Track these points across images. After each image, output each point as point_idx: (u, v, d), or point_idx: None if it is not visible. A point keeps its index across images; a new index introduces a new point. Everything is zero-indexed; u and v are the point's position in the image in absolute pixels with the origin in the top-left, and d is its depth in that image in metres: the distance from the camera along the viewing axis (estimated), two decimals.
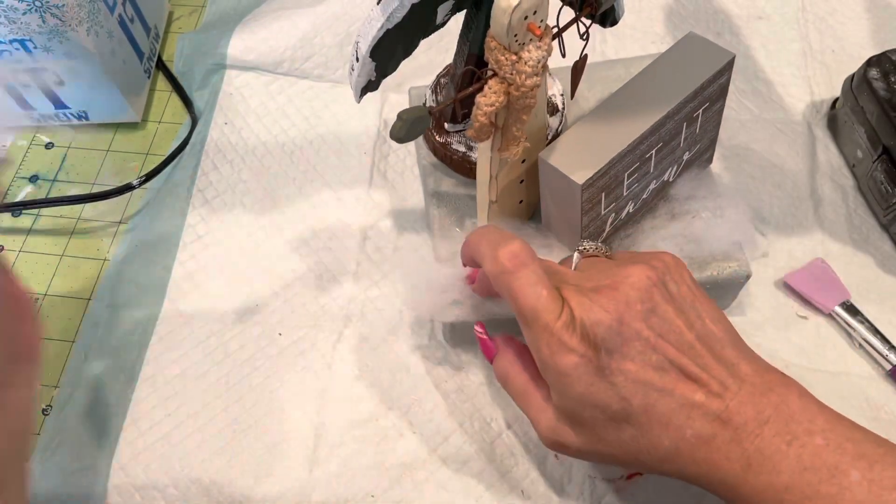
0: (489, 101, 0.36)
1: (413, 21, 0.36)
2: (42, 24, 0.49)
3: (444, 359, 0.47)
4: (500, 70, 0.35)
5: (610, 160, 0.38)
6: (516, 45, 0.34)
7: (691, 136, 0.43)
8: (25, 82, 0.54)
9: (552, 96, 0.48)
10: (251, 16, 0.61)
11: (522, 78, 0.35)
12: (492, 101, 0.36)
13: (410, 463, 0.44)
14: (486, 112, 0.36)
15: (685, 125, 0.42)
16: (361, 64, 0.37)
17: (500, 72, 0.35)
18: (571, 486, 0.43)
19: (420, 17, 0.36)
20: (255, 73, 0.59)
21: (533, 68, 0.35)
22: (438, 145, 0.48)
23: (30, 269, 0.53)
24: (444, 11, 0.38)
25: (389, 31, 0.36)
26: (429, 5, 0.36)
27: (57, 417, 0.46)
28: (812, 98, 0.57)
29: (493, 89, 0.35)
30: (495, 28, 0.34)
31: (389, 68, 0.39)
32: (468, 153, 0.47)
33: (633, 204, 0.44)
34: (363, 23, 0.36)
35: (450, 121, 0.47)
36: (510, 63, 0.34)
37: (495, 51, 0.35)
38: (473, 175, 0.47)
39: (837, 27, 0.60)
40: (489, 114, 0.36)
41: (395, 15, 0.35)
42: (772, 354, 0.46)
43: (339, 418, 0.45)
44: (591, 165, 0.38)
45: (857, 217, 0.52)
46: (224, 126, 0.57)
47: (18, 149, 0.59)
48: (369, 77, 0.38)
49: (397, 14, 0.35)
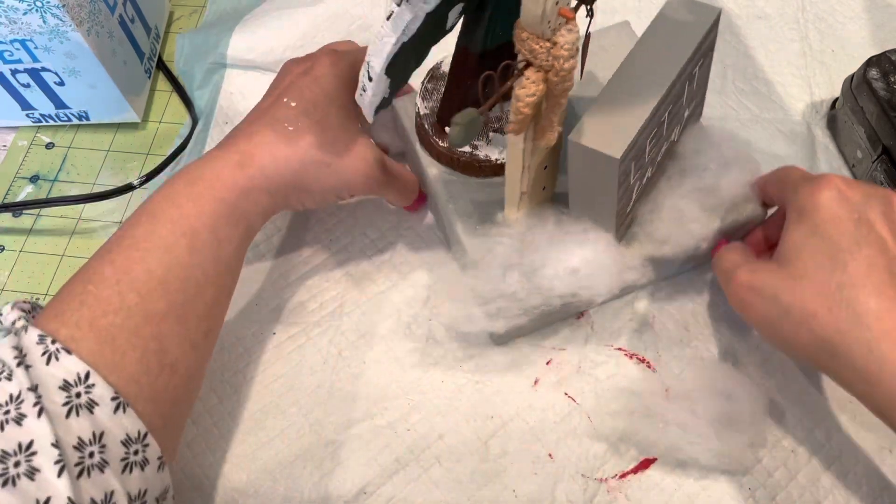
0: (530, 91, 0.36)
1: (427, 30, 0.36)
2: (43, 24, 0.50)
3: (441, 358, 0.47)
4: (535, 59, 0.35)
5: (638, 130, 0.38)
6: (549, 31, 0.34)
7: (691, 93, 0.44)
8: (26, 82, 0.54)
9: None
10: (251, 15, 0.61)
11: (561, 62, 0.35)
12: (532, 91, 0.36)
13: (404, 460, 0.43)
14: (527, 103, 0.36)
15: (687, 84, 0.43)
16: (376, 83, 0.37)
17: (536, 60, 0.35)
18: (563, 485, 0.42)
19: (434, 26, 0.36)
20: (255, 73, 0.59)
21: (569, 51, 0.35)
22: (443, 151, 0.47)
23: (30, 269, 0.53)
24: (454, 16, 0.38)
25: (405, 45, 0.36)
26: (441, 12, 0.36)
27: None
28: (812, 98, 0.56)
29: (532, 79, 0.35)
30: (527, 18, 0.34)
31: (402, 82, 0.39)
32: (475, 153, 0.47)
33: (651, 169, 0.44)
34: (372, 43, 0.36)
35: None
36: (545, 50, 0.34)
37: (528, 41, 0.35)
38: (483, 174, 0.47)
39: (837, 27, 0.60)
40: (531, 104, 0.36)
41: (411, 27, 0.35)
42: (771, 355, 0.46)
43: (334, 415, 0.45)
44: (622, 139, 0.38)
45: None
46: (225, 126, 0.57)
47: (19, 149, 0.59)
48: (384, 94, 0.38)
49: (412, 26, 0.35)
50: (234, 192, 0.41)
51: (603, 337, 0.47)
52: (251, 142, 0.42)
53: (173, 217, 0.39)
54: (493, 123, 0.48)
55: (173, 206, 0.39)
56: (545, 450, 0.44)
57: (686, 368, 0.46)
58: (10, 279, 0.53)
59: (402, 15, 0.35)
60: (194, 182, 0.40)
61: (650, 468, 0.43)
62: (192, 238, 0.39)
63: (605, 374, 0.46)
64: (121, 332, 0.35)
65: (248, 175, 0.41)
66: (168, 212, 0.39)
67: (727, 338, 0.47)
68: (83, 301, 0.36)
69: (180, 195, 0.40)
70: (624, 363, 0.46)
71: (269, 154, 0.42)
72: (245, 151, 0.42)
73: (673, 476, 0.43)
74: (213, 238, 0.40)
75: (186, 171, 0.41)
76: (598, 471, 0.43)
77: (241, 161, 0.41)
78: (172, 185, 0.41)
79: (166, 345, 0.37)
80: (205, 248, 0.39)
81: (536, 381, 0.46)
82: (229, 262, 0.41)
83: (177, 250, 0.38)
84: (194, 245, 0.39)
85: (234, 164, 0.41)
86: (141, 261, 0.37)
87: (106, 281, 0.36)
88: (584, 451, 0.43)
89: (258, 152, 0.42)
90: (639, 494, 0.42)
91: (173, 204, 0.40)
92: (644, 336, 0.47)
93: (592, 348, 0.47)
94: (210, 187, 0.40)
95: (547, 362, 0.47)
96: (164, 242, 0.38)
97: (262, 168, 0.41)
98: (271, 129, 0.42)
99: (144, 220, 0.39)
